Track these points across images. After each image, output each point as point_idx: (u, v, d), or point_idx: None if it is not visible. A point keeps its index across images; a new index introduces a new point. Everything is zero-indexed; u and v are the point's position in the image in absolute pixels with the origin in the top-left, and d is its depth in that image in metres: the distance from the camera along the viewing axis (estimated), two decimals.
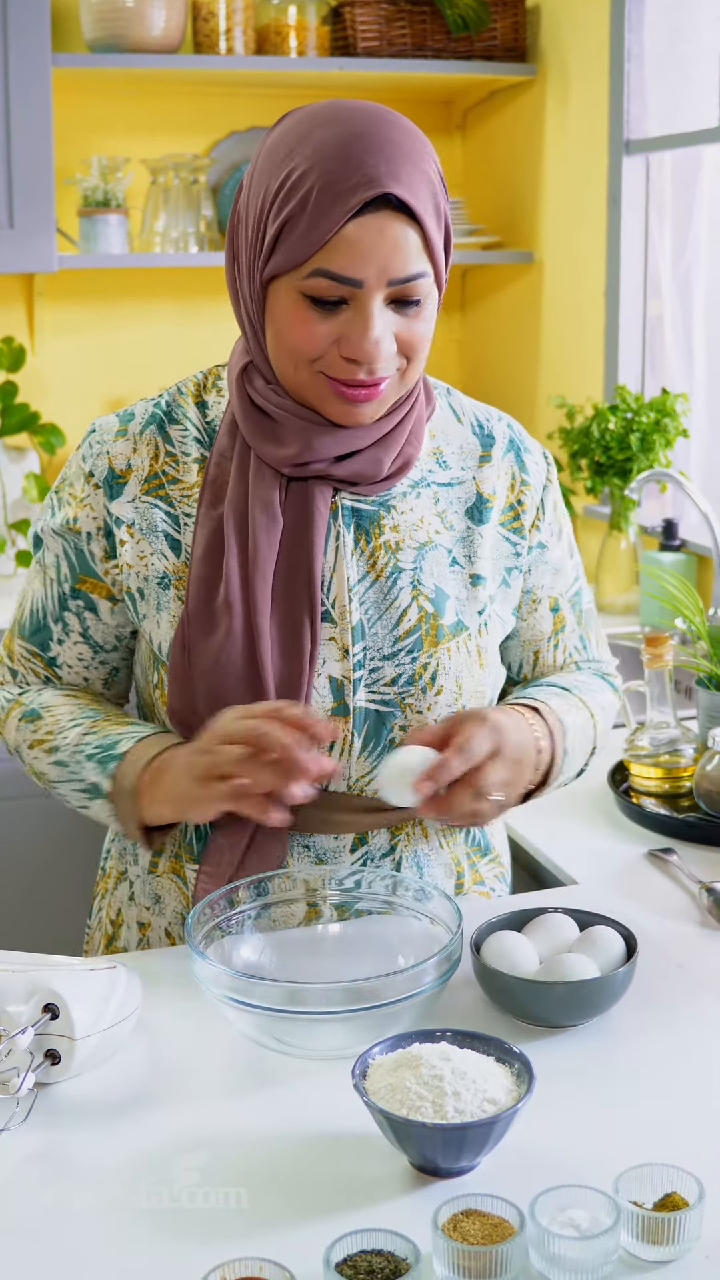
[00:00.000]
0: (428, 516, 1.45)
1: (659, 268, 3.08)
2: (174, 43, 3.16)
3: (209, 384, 1.49)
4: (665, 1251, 0.98)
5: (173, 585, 1.42)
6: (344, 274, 1.30)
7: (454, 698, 1.43)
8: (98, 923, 1.56)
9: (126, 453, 1.45)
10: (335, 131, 1.31)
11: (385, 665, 1.41)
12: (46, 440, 3.28)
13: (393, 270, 1.30)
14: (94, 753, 1.40)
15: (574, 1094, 1.18)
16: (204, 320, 3.49)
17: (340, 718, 1.40)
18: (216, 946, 1.30)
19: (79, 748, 1.41)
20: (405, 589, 1.42)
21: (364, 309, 1.31)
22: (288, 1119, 1.15)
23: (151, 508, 1.43)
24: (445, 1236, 0.96)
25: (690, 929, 1.49)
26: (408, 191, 1.29)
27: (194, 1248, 1.00)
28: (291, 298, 1.32)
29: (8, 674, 1.54)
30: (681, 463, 3.01)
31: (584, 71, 3.17)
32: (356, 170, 1.28)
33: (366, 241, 1.29)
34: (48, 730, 1.45)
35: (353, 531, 1.42)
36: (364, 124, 1.31)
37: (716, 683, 1.95)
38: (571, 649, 1.58)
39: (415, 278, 1.32)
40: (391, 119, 1.34)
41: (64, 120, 3.23)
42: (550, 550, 1.53)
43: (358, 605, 1.41)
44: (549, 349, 3.41)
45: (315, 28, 3.30)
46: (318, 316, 1.32)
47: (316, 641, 1.38)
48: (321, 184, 1.28)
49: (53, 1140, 1.13)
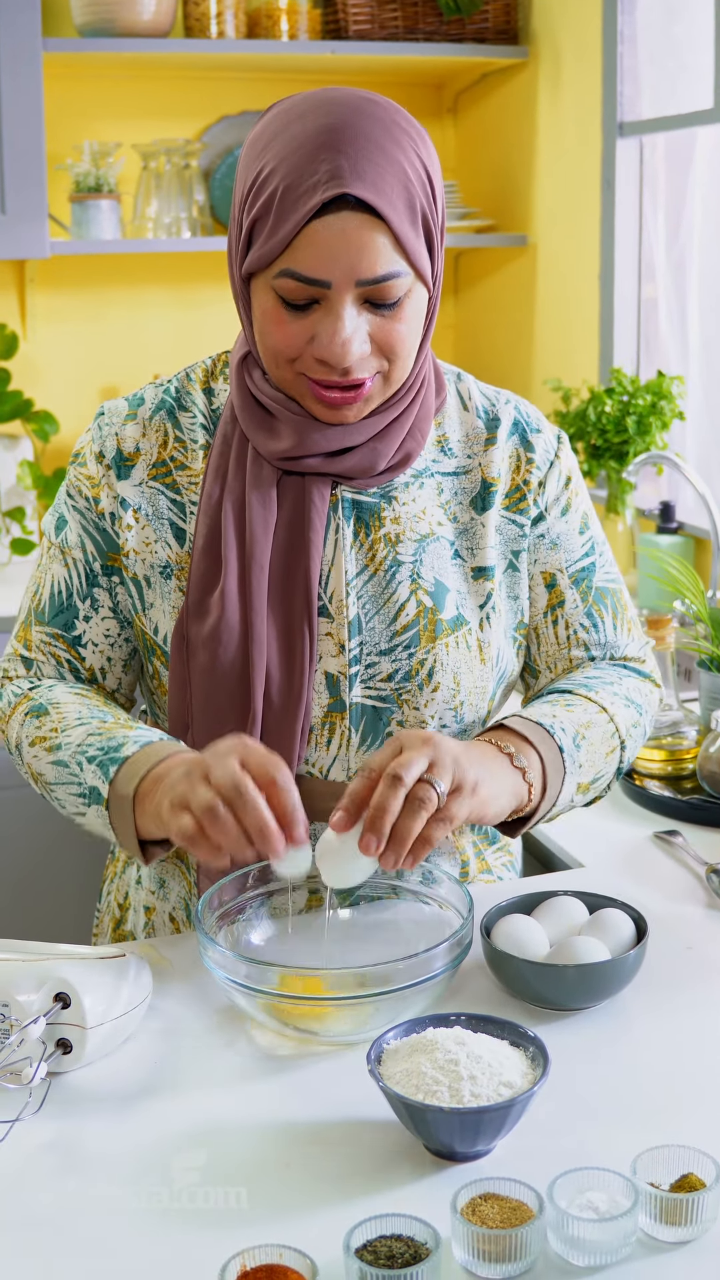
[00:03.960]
0: (430, 508, 1.42)
1: (653, 250, 3.07)
2: (164, 27, 3.15)
3: (217, 371, 1.47)
4: (683, 1232, 0.98)
5: (174, 575, 1.41)
6: (310, 275, 1.26)
7: (451, 694, 1.40)
8: (106, 906, 1.56)
9: (135, 436, 1.43)
10: (305, 126, 1.27)
11: (382, 660, 1.39)
12: (40, 428, 3.26)
13: (361, 271, 1.26)
14: (96, 754, 1.32)
15: (588, 1076, 1.18)
16: (197, 306, 3.48)
17: (336, 713, 1.39)
18: (227, 933, 1.30)
19: (82, 748, 1.33)
20: (404, 582, 1.40)
21: (332, 310, 1.28)
22: (301, 1105, 1.15)
23: (157, 494, 1.42)
24: (464, 1220, 0.96)
25: (697, 910, 1.49)
26: (371, 190, 1.24)
27: (212, 1235, 1.00)
28: (267, 296, 1.30)
29: (20, 666, 1.47)
30: (677, 445, 3.01)
31: (577, 54, 3.16)
32: (318, 168, 1.24)
33: (330, 243, 1.25)
34: (51, 727, 1.37)
35: (352, 524, 1.40)
36: (337, 117, 1.26)
37: (718, 664, 1.95)
38: (577, 626, 1.49)
39: (387, 278, 1.27)
40: (371, 111, 1.28)
41: (55, 106, 3.21)
42: (550, 524, 1.47)
43: (355, 599, 1.39)
44: (543, 332, 3.41)
45: (306, 11, 3.28)
46: (290, 316, 1.29)
47: (314, 639, 1.36)
48: (286, 183, 1.25)
49: (67, 1129, 1.13)
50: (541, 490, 1.47)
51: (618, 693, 1.47)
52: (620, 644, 1.53)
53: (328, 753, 1.40)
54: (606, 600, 1.51)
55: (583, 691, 1.45)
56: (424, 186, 1.29)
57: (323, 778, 1.41)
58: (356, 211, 1.25)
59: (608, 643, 1.51)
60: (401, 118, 1.31)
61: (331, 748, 1.40)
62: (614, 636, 1.52)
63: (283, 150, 1.27)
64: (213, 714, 1.37)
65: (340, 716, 1.39)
